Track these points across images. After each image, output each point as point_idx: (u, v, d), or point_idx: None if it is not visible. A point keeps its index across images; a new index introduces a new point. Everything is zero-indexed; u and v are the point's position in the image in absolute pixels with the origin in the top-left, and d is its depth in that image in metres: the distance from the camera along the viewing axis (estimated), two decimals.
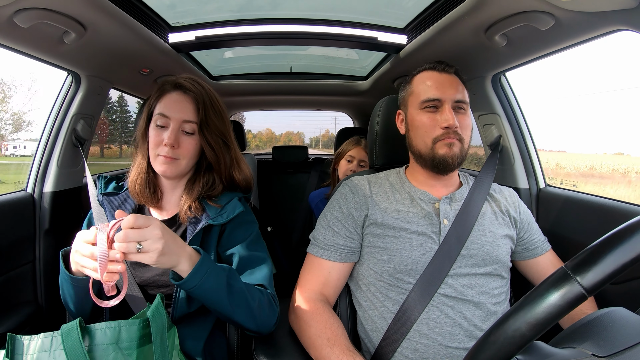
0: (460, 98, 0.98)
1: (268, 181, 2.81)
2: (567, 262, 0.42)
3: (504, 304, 0.95)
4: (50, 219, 1.41)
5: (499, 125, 1.50)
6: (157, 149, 0.90)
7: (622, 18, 0.88)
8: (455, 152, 0.96)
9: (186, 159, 0.92)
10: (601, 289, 0.38)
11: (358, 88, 2.49)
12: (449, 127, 0.94)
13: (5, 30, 1.00)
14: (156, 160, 0.91)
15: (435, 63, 1.02)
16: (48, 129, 1.44)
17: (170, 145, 0.88)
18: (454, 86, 0.98)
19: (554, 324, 0.40)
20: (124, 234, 0.66)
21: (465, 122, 0.98)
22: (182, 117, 0.90)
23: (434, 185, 1.03)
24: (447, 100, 0.96)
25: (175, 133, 0.89)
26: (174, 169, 0.91)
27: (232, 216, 0.92)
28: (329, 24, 1.57)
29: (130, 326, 0.68)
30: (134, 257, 0.67)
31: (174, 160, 0.90)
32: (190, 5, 1.41)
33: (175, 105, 0.91)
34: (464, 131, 0.98)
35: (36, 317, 1.36)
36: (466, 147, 0.99)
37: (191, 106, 0.91)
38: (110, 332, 0.66)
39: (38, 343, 0.65)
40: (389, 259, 0.93)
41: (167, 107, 0.91)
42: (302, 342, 0.90)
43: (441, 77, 0.99)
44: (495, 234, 0.97)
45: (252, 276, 0.92)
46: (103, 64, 1.40)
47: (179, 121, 0.90)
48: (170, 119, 0.90)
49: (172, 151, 0.89)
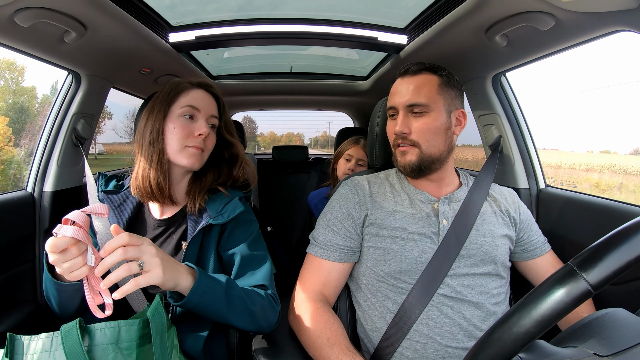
0: (415, 101, 0.95)
1: (268, 181, 2.81)
2: (572, 259, 0.41)
3: (504, 304, 0.95)
4: (51, 218, 1.41)
5: (499, 126, 1.50)
6: (187, 140, 0.91)
7: (622, 18, 0.88)
8: (410, 160, 0.97)
9: (208, 151, 0.96)
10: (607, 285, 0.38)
11: (358, 88, 2.49)
12: (396, 134, 0.97)
13: (6, 29, 1.00)
14: (183, 152, 0.91)
15: (403, 68, 1.01)
16: (48, 128, 1.43)
17: (205, 135, 0.92)
18: (410, 90, 0.96)
19: (559, 320, 0.39)
20: (122, 251, 0.66)
21: (423, 126, 0.95)
22: (210, 112, 0.95)
23: (432, 185, 1.03)
24: (399, 107, 0.98)
25: (207, 126, 0.93)
26: (201, 160, 0.94)
27: (233, 216, 0.92)
28: (330, 24, 1.57)
29: (130, 326, 0.67)
30: (142, 280, 0.67)
31: (202, 152, 0.93)
32: (190, 5, 1.41)
33: (204, 100, 0.95)
34: (421, 135, 0.95)
35: (36, 316, 1.36)
36: (428, 151, 0.96)
37: (215, 104, 0.98)
38: (109, 332, 0.66)
39: (38, 343, 0.65)
40: (389, 260, 0.93)
41: (196, 100, 0.94)
42: (301, 342, 0.90)
43: (401, 83, 1.00)
44: (495, 233, 0.97)
45: (253, 276, 0.92)
46: (103, 63, 1.40)
47: (207, 115, 0.95)
48: (200, 111, 0.93)
49: (204, 142, 0.93)
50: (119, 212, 0.96)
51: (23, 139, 4.48)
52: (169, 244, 0.93)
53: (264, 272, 0.93)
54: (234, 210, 0.93)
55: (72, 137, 1.46)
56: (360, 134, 2.03)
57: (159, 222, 0.96)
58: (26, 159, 2.60)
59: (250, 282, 0.91)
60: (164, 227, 0.95)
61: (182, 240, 0.93)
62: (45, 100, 5.68)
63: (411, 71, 0.99)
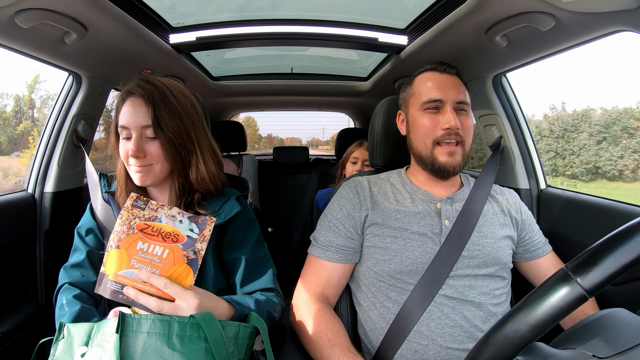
0: (462, 99, 0.97)
1: (269, 182, 2.81)
2: (567, 263, 0.41)
3: (505, 304, 0.95)
4: (51, 219, 1.41)
5: (499, 126, 1.50)
6: (127, 159, 0.87)
7: (622, 19, 0.88)
8: (457, 161, 0.96)
9: (159, 163, 0.87)
10: (601, 290, 0.38)
11: (359, 89, 2.49)
12: (450, 128, 0.94)
13: (6, 30, 1.00)
14: (131, 173, 0.88)
15: (437, 64, 1.01)
16: (49, 130, 1.44)
17: (134, 155, 0.84)
18: (456, 87, 0.98)
19: (555, 325, 0.39)
20: (158, 305, 0.71)
21: (467, 123, 0.98)
22: (140, 123, 0.84)
23: (435, 185, 1.03)
24: (449, 101, 0.96)
25: (138, 142, 0.84)
26: (150, 176, 0.87)
27: (230, 216, 0.91)
28: (330, 24, 1.57)
29: (246, 328, 0.76)
30: (167, 307, 0.72)
31: (146, 168, 0.86)
32: (190, 5, 1.41)
33: (131, 112, 0.84)
34: (466, 132, 0.97)
35: (37, 317, 1.36)
36: (467, 149, 0.98)
37: (145, 109, 0.84)
38: (232, 329, 0.74)
39: (154, 323, 0.69)
40: (390, 259, 0.93)
41: (124, 116, 0.85)
42: (302, 343, 0.90)
43: (442, 78, 0.99)
44: (497, 235, 0.97)
45: (259, 281, 0.93)
46: (104, 64, 1.40)
47: (138, 128, 0.84)
48: (130, 128, 0.84)
49: (140, 160, 0.85)
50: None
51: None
52: None
53: (269, 274, 0.95)
54: (231, 211, 0.92)
55: (72, 139, 1.47)
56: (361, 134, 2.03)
57: None
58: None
59: (258, 287, 0.92)
60: None
61: None
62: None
63: (449, 70, 1.00)
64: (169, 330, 0.68)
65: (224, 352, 0.69)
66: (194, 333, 0.68)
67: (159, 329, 0.68)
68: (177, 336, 0.68)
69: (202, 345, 0.68)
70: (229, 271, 0.94)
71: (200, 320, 0.69)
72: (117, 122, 0.88)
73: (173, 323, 0.68)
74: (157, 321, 0.68)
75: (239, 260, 0.93)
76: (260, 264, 0.95)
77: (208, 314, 0.70)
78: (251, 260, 0.93)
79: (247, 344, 0.76)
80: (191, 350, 0.67)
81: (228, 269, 0.94)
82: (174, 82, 0.93)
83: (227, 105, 2.96)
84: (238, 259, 0.93)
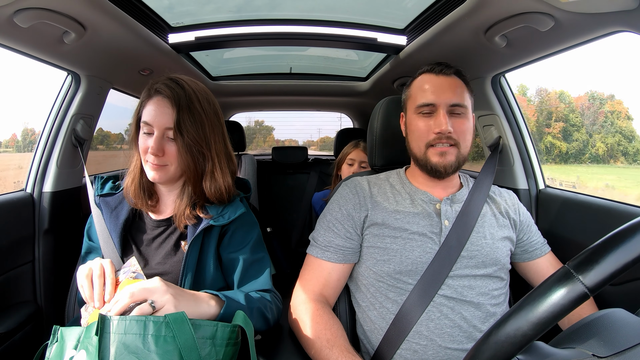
0: (457, 102, 0.96)
1: (267, 182, 2.81)
2: (569, 261, 0.41)
3: (503, 305, 0.95)
4: (50, 219, 1.41)
5: (498, 126, 1.50)
6: (145, 155, 0.90)
7: (622, 19, 0.88)
8: (449, 161, 0.96)
9: (174, 164, 0.90)
10: (603, 287, 0.38)
11: (358, 89, 2.49)
12: (441, 132, 0.94)
13: (5, 30, 1.00)
14: (146, 167, 0.91)
15: (434, 65, 1.01)
16: (47, 129, 1.43)
17: (154, 154, 0.87)
18: (451, 89, 0.97)
19: (556, 322, 0.39)
20: (129, 295, 0.70)
21: (463, 126, 0.97)
22: (164, 124, 0.87)
23: (434, 186, 1.03)
24: (442, 105, 0.95)
25: (159, 141, 0.87)
26: (164, 175, 0.90)
27: (234, 217, 0.92)
28: (329, 24, 1.57)
29: (225, 327, 0.74)
30: (158, 314, 0.71)
31: (161, 167, 0.89)
32: (189, 5, 1.41)
33: (157, 112, 0.87)
34: (461, 135, 0.96)
35: (35, 317, 1.36)
36: (464, 151, 0.98)
37: (171, 111, 0.87)
38: (209, 329, 0.73)
39: (130, 324, 0.68)
40: (389, 260, 0.93)
41: (149, 114, 0.88)
42: (301, 343, 0.90)
43: (438, 80, 0.98)
44: (495, 235, 0.97)
45: (257, 281, 0.93)
46: (103, 64, 1.40)
47: (161, 128, 0.87)
48: (153, 127, 0.87)
49: (158, 159, 0.88)
50: (116, 214, 0.96)
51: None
52: (168, 244, 0.93)
53: (266, 275, 0.95)
54: (235, 212, 0.93)
55: (71, 138, 1.46)
56: (360, 134, 2.03)
57: (157, 222, 0.96)
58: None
59: (255, 287, 0.93)
60: (163, 227, 0.95)
61: (181, 240, 0.93)
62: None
63: (446, 71, 0.99)
64: (145, 330, 0.67)
65: (195, 355, 0.68)
66: (169, 333, 0.68)
67: (134, 329, 0.67)
68: (152, 336, 0.67)
69: (176, 345, 0.68)
70: (227, 271, 0.95)
71: (171, 321, 0.68)
72: (139, 115, 0.90)
73: (148, 323, 0.68)
74: (132, 322, 0.67)
75: (237, 261, 0.93)
76: (258, 265, 0.95)
77: (180, 314, 0.69)
78: (249, 261, 0.93)
79: (229, 344, 0.74)
80: (165, 351, 0.67)
81: (226, 268, 0.95)
82: (202, 87, 0.94)
83: (226, 105, 2.96)
84: (236, 259, 0.93)
